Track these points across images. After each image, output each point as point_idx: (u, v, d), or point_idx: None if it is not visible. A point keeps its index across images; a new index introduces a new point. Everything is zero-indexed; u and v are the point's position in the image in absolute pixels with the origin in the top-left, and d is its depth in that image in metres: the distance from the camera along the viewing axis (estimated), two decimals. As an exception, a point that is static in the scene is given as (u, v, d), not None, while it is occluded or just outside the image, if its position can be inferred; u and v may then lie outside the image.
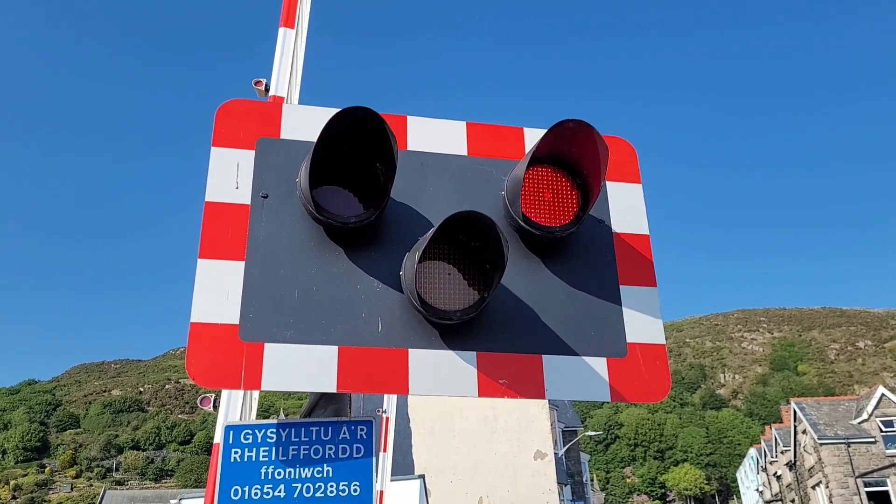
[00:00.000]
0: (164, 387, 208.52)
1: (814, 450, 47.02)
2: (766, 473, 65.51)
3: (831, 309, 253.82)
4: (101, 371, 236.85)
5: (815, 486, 47.94)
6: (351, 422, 3.05)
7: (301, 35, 7.67)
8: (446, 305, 2.85)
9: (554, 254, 3.16)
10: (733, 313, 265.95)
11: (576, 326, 3.07)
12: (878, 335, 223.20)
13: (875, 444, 44.70)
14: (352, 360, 2.82)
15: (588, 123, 2.90)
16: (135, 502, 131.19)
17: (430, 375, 2.86)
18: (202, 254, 2.88)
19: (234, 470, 2.92)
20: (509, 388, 2.91)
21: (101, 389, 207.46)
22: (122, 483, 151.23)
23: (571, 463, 52.01)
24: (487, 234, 2.72)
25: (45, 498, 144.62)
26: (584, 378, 3.00)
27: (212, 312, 2.79)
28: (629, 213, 3.37)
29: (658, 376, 3.08)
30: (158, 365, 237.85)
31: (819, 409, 48.75)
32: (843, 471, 44.53)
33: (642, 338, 3.13)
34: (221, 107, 3.19)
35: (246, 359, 2.75)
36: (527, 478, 32.69)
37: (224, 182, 3.04)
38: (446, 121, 3.40)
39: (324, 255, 2.97)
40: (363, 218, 2.91)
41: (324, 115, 3.25)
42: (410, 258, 2.85)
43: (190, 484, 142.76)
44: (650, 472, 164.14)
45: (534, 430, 33.65)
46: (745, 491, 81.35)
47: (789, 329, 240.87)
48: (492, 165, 3.31)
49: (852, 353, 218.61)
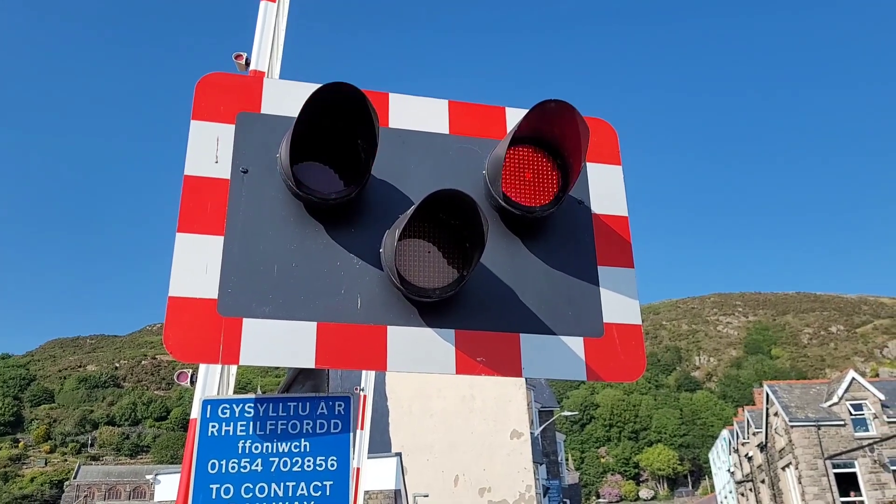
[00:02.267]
0: (140, 363, 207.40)
1: (785, 432, 47.85)
2: (737, 454, 66.60)
3: (805, 294, 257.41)
4: (76, 346, 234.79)
5: (786, 468, 48.86)
6: (329, 397, 3.07)
7: (283, 9, 7.57)
8: (425, 283, 2.86)
9: (533, 233, 3.18)
10: (710, 297, 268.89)
11: (553, 306, 3.09)
12: (851, 320, 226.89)
13: (844, 426, 45.57)
14: (330, 336, 2.82)
15: (569, 104, 2.90)
16: (109, 477, 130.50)
17: (409, 352, 2.87)
18: (181, 228, 2.86)
19: (211, 444, 2.93)
20: (487, 366, 2.93)
21: (75, 364, 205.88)
22: (96, 458, 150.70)
23: (547, 443, 52.54)
24: (468, 212, 2.73)
25: (18, 472, 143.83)
26: (560, 357, 3.03)
27: (190, 286, 2.78)
28: (608, 194, 3.39)
29: (633, 356, 3.12)
30: (134, 341, 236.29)
31: (791, 392, 49.55)
32: (812, 452, 45.39)
33: (619, 318, 3.16)
34: (201, 80, 3.15)
35: (224, 333, 2.74)
36: (503, 457, 33.00)
37: (203, 156, 3.01)
38: (429, 99, 3.38)
39: (303, 231, 2.96)
40: (344, 195, 2.90)
41: (305, 90, 3.23)
42: (390, 236, 2.85)
43: (166, 460, 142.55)
44: (624, 453, 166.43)
45: (510, 410, 33.92)
46: (717, 471, 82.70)
47: (764, 313, 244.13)
48: (473, 144, 3.31)
49: (825, 338, 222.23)
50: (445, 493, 31.92)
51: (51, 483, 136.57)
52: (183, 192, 2.93)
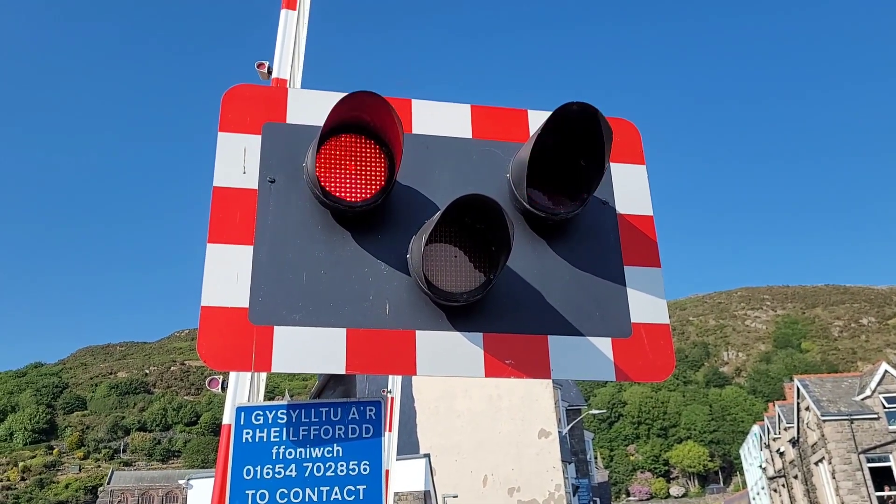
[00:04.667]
0: (170, 368, 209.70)
1: (817, 426, 47.23)
2: (769, 450, 65.85)
3: (835, 286, 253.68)
4: (106, 353, 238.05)
5: (818, 463, 48.21)
6: (360, 402, 3.10)
7: (303, 17, 7.64)
8: (453, 287, 2.88)
9: (559, 235, 3.19)
10: (737, 291, 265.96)
11: (580, 307, 3.10)
12: (882, 312, 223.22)
13: (878, 420, 44.86)
14: (360, 342, 2.86)
15: (592, 106, 2.91)
16: (142, 482, 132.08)
17: (438, 356, 2.90)
18: (211, 238, 2.91)
19: (246, 450, 2.98)
20: (515, 369, 2.95)
21: (106, 372, 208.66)
22: (129, 464, 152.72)
23: (575, 441, 52.33)
24: (493, 216, 2.75)
25: (53, 479, 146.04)
26: (589, 358, 3.04)
27: (222, 296, 2.83)
28: (633, 194, 3.39)
29: (662, 355, 3.12)
30: (164, 347, 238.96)
31: (822, 385, 48.88)
32: (845, 447, 44.74)
33: (646, 318, 3.16)
34: (227, 92, 3.20)
35: (256, 341, 2.79)
36: (531, 456, 32.94)
37: (231, 167, 3.06)
38: (451, 104, 3.41)
39: (331, 238, 3.00)
40: (370, 202, 2.94)
41: (329, 99, 3.27)
42: (417, 241, 2.88)
43: (196, 464, 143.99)
44: (654, 450, 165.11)
45: (538, 409, 33.83)
46: (749, 468, 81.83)
47: (793, 306, 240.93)
48: (496, 148, 3.33)
49: (856, 330, 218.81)
50: (474, 494, 31.93)
51: (85, 489, 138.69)
52: (212, 203, 2.98)
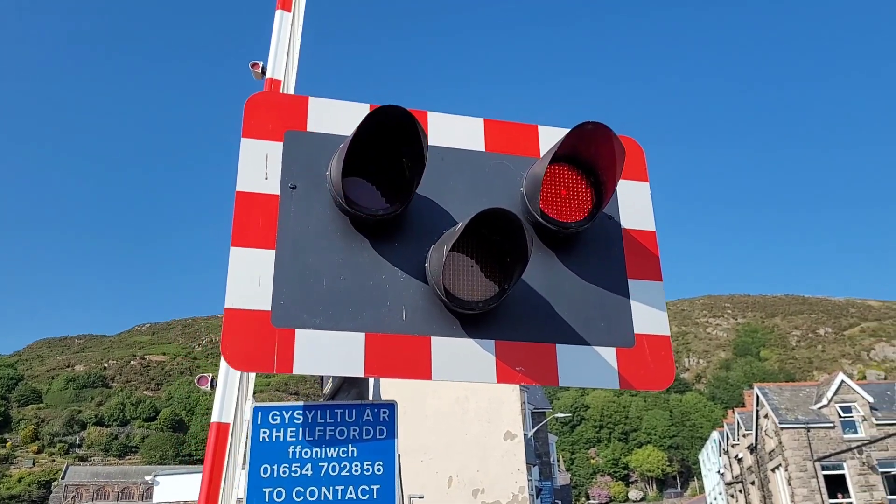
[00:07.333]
0: (130, 363, 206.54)
1: (775, 434, 48.22)
2: (727, 456, 67.02)
3: (794, 296, 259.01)
4: (64, 346, 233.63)
5: (775, 469, 49.23)
6: (374, 405, 3.20)
7: (298, 18, 7.69)
8: (470, 296, 2.99)
9: (567, 248, 3.32)
10: (699, 299, 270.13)
11: (587, 317, 3.24)
12: (838, 323, 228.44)
13: (833, 428, 45.99)
14: (378, 347, 2.96)
15: (607, 126, 3.05)
16: (98, 478, 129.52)
17: (452, 362, 3.01)
18: (235, 242, 2.99)
19: (263, 449, 3.05)
20: (525, 375, 3.07)
21: (64, 364, 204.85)
22: (84, 459, 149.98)
23: (540, 444, 52.76)
24: (511, 230, 2.87)
25: (6, 472, 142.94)
26: (594, 366, 3.17)
27: (245, 298, 2.91)
28: (637, 210, 3.54)
29: (663, 366, 3.26)
30: (124, 341, 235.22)
31: (781, 394, 49.96)
32: (802, 454, 45.78)
33: (649, 329, 3.31)
34: (250, 99, 3.28)
35: (278, 344, 2.87)
36: (497, 458, 33.11)
37: (254, 172, 3.14)
38: (465, 117, 3.52)
39: (350, 245, 3.09)
40: (391, 211, 3.03)
41: (348, 108, 3.37)
42: (437, 251, 2.99)
43: (154, 461, 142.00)
44: (614, 454, 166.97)
45: (504, 412, 34.02)
46: (707, 473, 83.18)
47: (753, 315, 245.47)
48: (508, 161, 3.45)
49: (813, 340, 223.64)
50: (439, 494, 32.01)
51: (38, 483, 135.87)
52: (236, 207, 3.06)
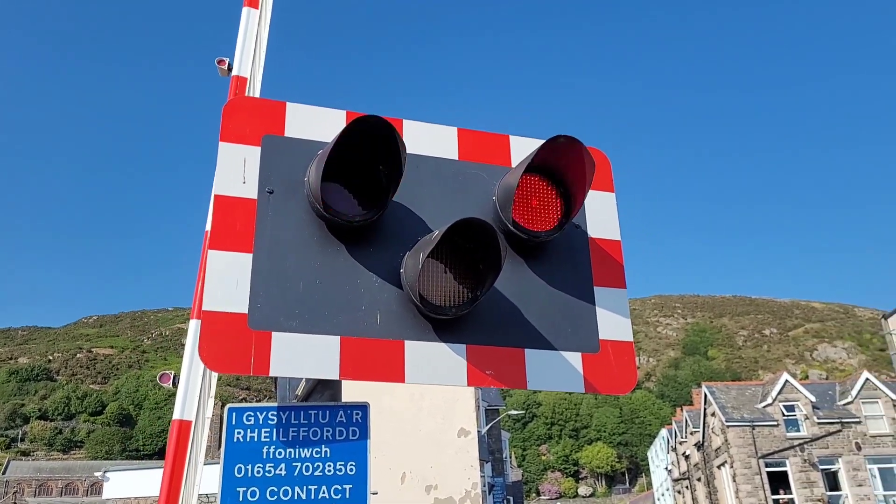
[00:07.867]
0: (76, 356, 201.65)
1: (721, 431, 49.45)
2: (675, 453, 68.45)
3: (741, 297, 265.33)
4: (6, 337, 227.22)
5: (721, 466, 50.49)
6: (347, 406, 3.26)
7: (265, 16, 7.67)
8: (443, 302, 3.08)
9: (536, 256, 3.43)
10: (651, 298, 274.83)
11: (555, 323, 3.35)
12: (783, 324, 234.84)
13: (777, 427, 47.37)
14: (353, 350, 3.02)
15: (577, 140, 3.16)
16: (41, 473, 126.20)
17: (424, 365, 3.09)
18: (213, 245, 3.03)
19: (237, 449, 3.09)
20: (495, 379, 3.17)
21: (6, 356, 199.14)
22: (27, 454, 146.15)
23: (492, 440, 53.18)
24: (487, 240, 2.97)
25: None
26: (561, 370, 3.29)
27: (223, 301, 2.95)
28: (603, 219, 3.67)
29: (626, 371, 3.40)
30: (70, 333, 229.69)
31: (728, 392, 51.25)
32: (747, 452, 47.05)
33: (613, 335, 3.44)
34: (228, 103, 3.31)
35: (255, 346, 2.92)
36: (451, 455, 33.28)
37: (232, 176, 3.17)
38: (439, 126, 3.60)
39: (326, 250, 3.15)
40: (367, 217, 3.11)
41: (325, 115, 3.43)
42: (413, 257, 3.07)
43: (100, 456, 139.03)
44: (565, 450, 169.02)
45: (459, 409, 34.20)
46: (655, 469, 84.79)
47: (702, 315, 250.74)
48: (481, 170, 3.54)
49: (758, 340, 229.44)
50: (392, 491, 32.07)
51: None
52: (214, 211, 3.10)
